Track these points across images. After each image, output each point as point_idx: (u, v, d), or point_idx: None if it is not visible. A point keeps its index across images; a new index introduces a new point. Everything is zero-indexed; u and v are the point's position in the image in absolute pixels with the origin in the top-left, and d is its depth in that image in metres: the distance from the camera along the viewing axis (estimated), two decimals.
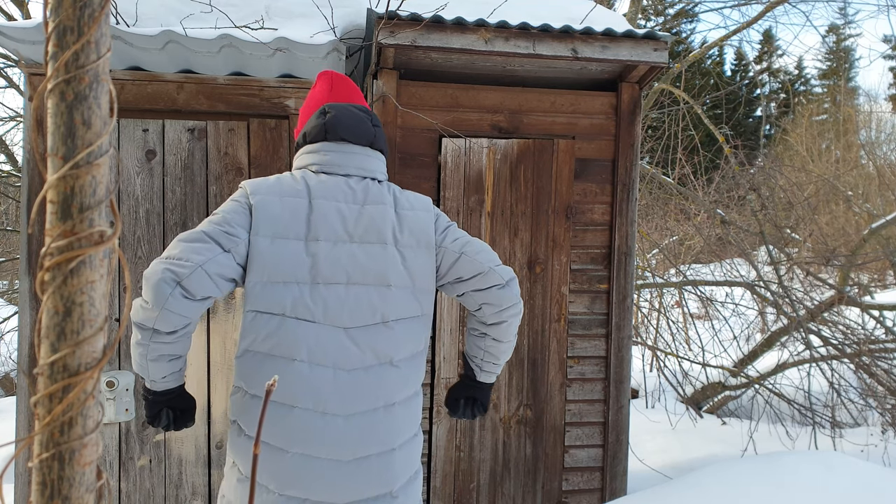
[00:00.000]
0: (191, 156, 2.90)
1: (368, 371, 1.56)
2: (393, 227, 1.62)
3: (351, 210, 1.59)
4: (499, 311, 1.70)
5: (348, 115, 1.66)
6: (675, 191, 7.22)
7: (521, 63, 3.01)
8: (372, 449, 1.55)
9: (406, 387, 1.62)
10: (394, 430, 1.57)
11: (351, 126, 1.65)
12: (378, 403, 1.56)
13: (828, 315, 5.59)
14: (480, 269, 1.66)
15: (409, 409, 1.62)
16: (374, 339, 1.56)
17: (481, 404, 1.88)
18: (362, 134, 1.66)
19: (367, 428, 1.54)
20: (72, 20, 0.55)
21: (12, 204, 7.94)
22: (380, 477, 1.55)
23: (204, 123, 2.90)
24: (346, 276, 1.55)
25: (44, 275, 0.57)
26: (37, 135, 0.70)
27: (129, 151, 2.86)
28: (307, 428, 1.50)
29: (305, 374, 1.50)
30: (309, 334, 1.51)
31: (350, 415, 1.53)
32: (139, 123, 2.86)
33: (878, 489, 2.49)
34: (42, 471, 0.57)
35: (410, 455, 1.62)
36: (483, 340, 1.78)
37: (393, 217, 1.63)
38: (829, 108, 20.58)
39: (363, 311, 1.56)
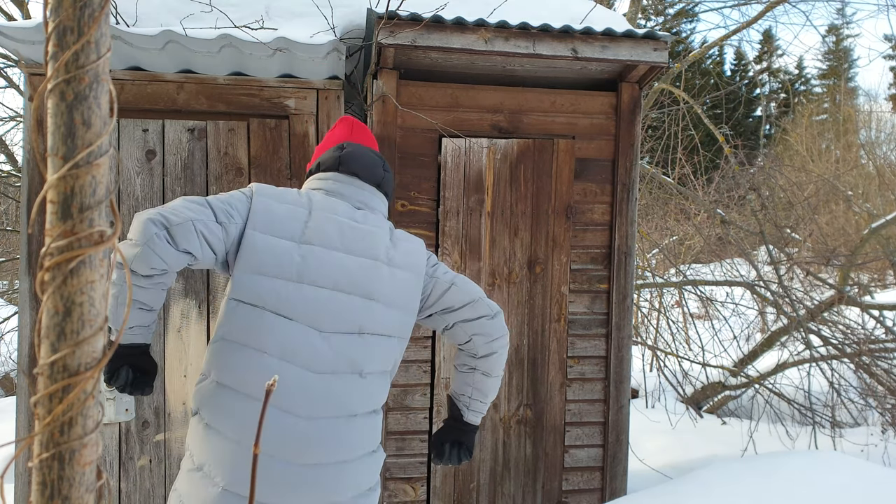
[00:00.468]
0: (191, 156, 2.90)
1: (338, 377, 1.55)
2: (386, 247, 1.67)
3: (348, 224, 1.64)
4: (490, 342, 1.73)
5: (363, 154, 1.76)
6: (675, 191, 7.22)
7: (521, 63, 3.01)
8: (329, 457, 1.53)
9: (370, 401, 1.61)
10: (353, 441, 1.56)
11: (364, 164, 1.74)
12: (342, 412, 1.55)
13: (828, 315, 5.59)
14: (471, 299, 1.72)
15: (369, 425, 1.61)
16: (349, 347, 1.57)
17: (467, 448, 1.84)
18: (372, 174, 1.75)
19: (328, 435, 1.53)
20: (72, 20, 0.55)
21: (12, 204, 7.94)
22: (330, 487, 1.53)
23: (204, 123, 2.90)
24: (332, 283, 1.58)
25: (44, 275, 0.57)
26: (37, 135, 0.70)
27: (129, 151, 2.86)
28: (268, 424, 1.49)
29: (274, 369, 1.51)
30: (284, 330, 1.52)
31: (313, 418, 1.52)
32: (139, 123, 2.86)
33: (878, 489, 2.49)
34: (42, 471, 0.57)
35: (366, 470, 1.60)
36: (472, 376, 1.79)
37: (387, 240, 1.69)
38: (828, 107, 20.59)
39: (343, 318, 1.57)
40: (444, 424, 1.88)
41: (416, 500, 3.10)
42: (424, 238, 3.08)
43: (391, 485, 3.08)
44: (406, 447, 3.09)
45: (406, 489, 3.09)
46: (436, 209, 3.09)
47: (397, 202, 3.04)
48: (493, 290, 3.12)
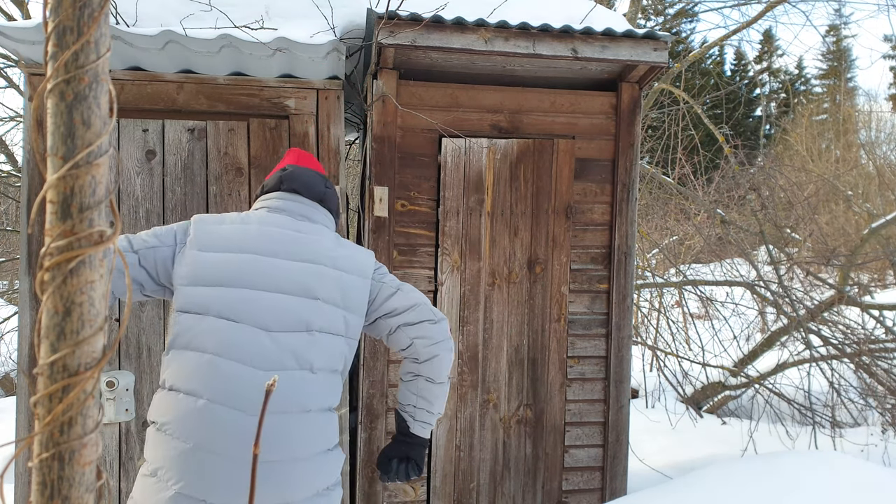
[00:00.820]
0: (191, 156, 2.90)
1: (287, 373, 1.56)
2: (329, 252, 1.73)
3: (290, 235, 1.71)
4: (431, 345, 1.74)
5: (303, 172, 1.86)
6: (675, 191, 7.22)
7: (521, 63, 3.01)
8: (279, 454, 1.51)
9: (323, 398, 1.61)
10: (306, 439, 1.55)
11: (304, 181, 1.83)
12: (293, 407, 1.54)
13: (828, 315, 5.59)
14: (414, 302, 1.75)
15: (323, 422, 1.61)
16: (296, 344, 1.59)
17: (415, 464, 1.81)
18: (313, 190, 1.83)
19: (279, 431, 1.52)
20: (71, 20, 0.55)
21: (12, 204, 7.94)
22: (282, 485, 1.51)
23: (204, 123, 2.90)
24: (274, 286, 1.62)
25: (44, 275, 0.57)
26: (37, 135, 0.70)
27: (129, 151, 2.86)
28: (213, 420, 1.48)
29: (218, 367, 1.52)
30: (228, 331, 1.55)
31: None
32: (139, 123, 2.86)
33: (878, 489, 2.49)
34: (42, 471, 0.57)
35: (321, 470, 1.58)
36: (416, 383, 1.78)
37: (330, 246, 1.75)
38: (828, 107, 20.59)
39: (289, 317, 1.60)
40: (392, 439, 1.85)
41: (416, 500, 3.10)
42: (424, 238, 3.08)
43: (391, 485, 3.08)
44: None
45: (406, 489, 3.09)
46: (436, 209, 3.09)
47: (397, 202, 3.04)
48: (493, 290, 3.13)
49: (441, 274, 3.08)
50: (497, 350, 3.14)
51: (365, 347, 3.02)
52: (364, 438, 3.02)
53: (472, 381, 3.13)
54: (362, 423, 3.02)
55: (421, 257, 3.08)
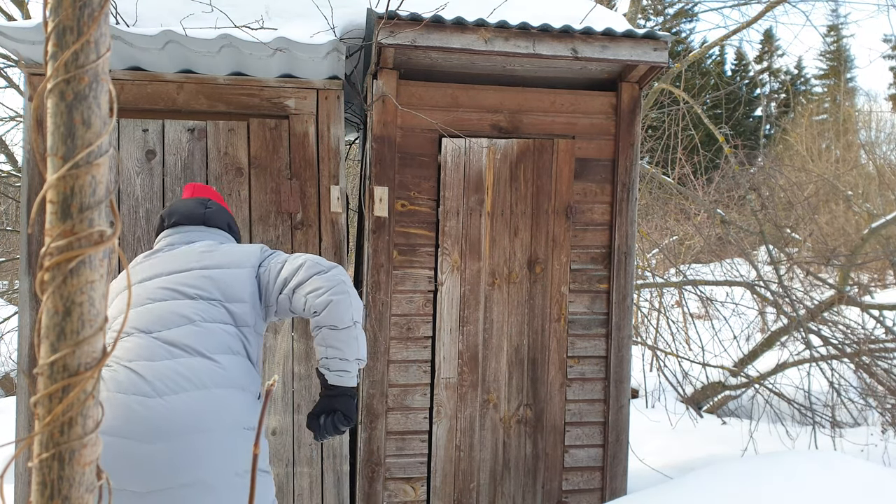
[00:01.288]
0: (191, 156, 2.89)
1: (176, 360, 1.62)
2: (202, 254, 1.85)
3: (168, 256, 1.87)
4: (323, 294, 1.75)
5: (182, 205, 2.03)
6: (675, 191, 7.22)
7: (521, 63, 3.01)
8: (185, 430, 1.54)
9: (226, 379, 1.65)
10: (210, 412, 1.58)
11: (182, 213, 1.99)
12: (190, 386, 1.59)
13: (828, 315, 5.59)
14: (300, 263, 1.81)
15: (233, 400, 1.63)
16: (182, 335, 1.66)
17: (343, 415, 1.78)
18: (192, 217, 1.99)
19: (182, 409, 1.55)
20: (71, 20, 0.55)
21: (12, 204, 7.94)
22: (190, 460, 1.52)
23: (204, 123, 2.89)
24: (148, 298, 1.75)
25: (44, 275, 0.57)
26: (37, 135, 0.70)
27: (129, 151, 2.86)
28: (114, 411, 1.52)
29: (115, 370, 1.58)
30: (122, 344, 1.65)
31: (164, 395, 1.56)
32: (139, 123, 2.85)
33: (878, 489, 2.49)
34: (42, 471, 0.57)
35: (238, 448, 1.59)
36: (321, 335, 1.78)
37: (206, 249, 1.88)
38: (828, 107, 20.59)
39: (172, 317, 1.70)
40: (318, 400, 1.87)
41: (416, 500, 3.10)
42: (424, 238, 3.08)
43: (391, 485, 3.08)
44: (406, 447, 3.09)
45: (406, 489, 3.09)
46: (436, 209, 3.09)
47: (397, 202, 3.04)
48: (493, 290, 3.13)
49: (441, 274, 3.08)
50: (497, 350, 3.14)
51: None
52: (364, 438, 3.02)
53: (472, 381, 3.13)
54: (362, 423, 3.02)
55: (421, 257, 3.08)
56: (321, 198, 2.98)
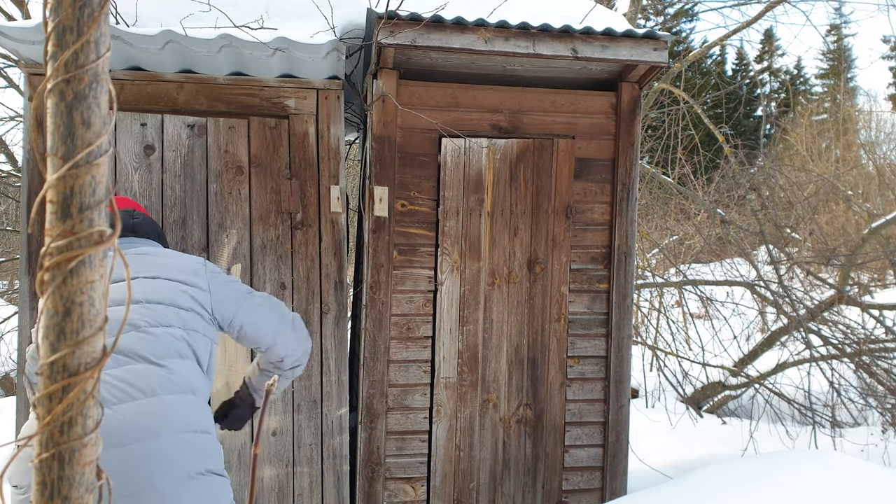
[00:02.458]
0: (191, 152, 2.88)
1: (123, 368, 1.61)
2: (142, 259, 1.86)
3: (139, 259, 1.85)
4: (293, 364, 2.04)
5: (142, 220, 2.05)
6: (675, 190, 7.22)
7: (521, 63, 3.01)
8: (134, 438, 1.53)
9: (174, 384, 1.64)
10: (159, 419, 1.57)
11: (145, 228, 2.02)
12: (138, 394, 1.58)
13: (828, 315, 5.59)
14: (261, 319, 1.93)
15: (182, 404, 1.63)
16: (129, 343, 1.65)
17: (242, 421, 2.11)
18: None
19: (131, 418, 1.54)
20: (71, 20, 0.55)
21: (12, 204, 7.94)
22: (140, 468, 1.51)
23: (204, 120, 2.88)
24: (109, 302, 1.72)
25: (44, 275, 0.57)
26: (37, 135, 0.70)
27: (126, 145, 2.83)
28: None
29: None
30: None
31: (112, 405, 1.55)
32: (137, 117, 2.83)
33: (878, 489, 2.49)
34: (42, 471, 0.57)
35: (189, 451, 1.59)
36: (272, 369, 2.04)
37: (145, 253, 1.89)
38: (829, 107, 20.58)
39: (115, 325, 1.66)
40: (238, 400, 2.12)
41: (416, 500, 3.10)
42: (424, 238, 3.08)
43: (391, 485, 3.08)
44: (406, 447, 3.09)
45: (406, 489, 3.09)
46: (436, 209, 3.09)
47: (397, 202, 3.04)
48: (492, 290, 3.13)
49: (441, 274, 3.08)
50: (497, 350, 3.14)
51: (365, 348, 3.02)
52: (364, 438, 3.02)
53: (472, 381, 3.13)
54: (362, 422, 3.03)
55: (421, 257, 3.08)
56: (321, 198, 2.98)
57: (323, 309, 2.99)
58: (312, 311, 2.98)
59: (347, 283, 3.06)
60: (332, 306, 3.00)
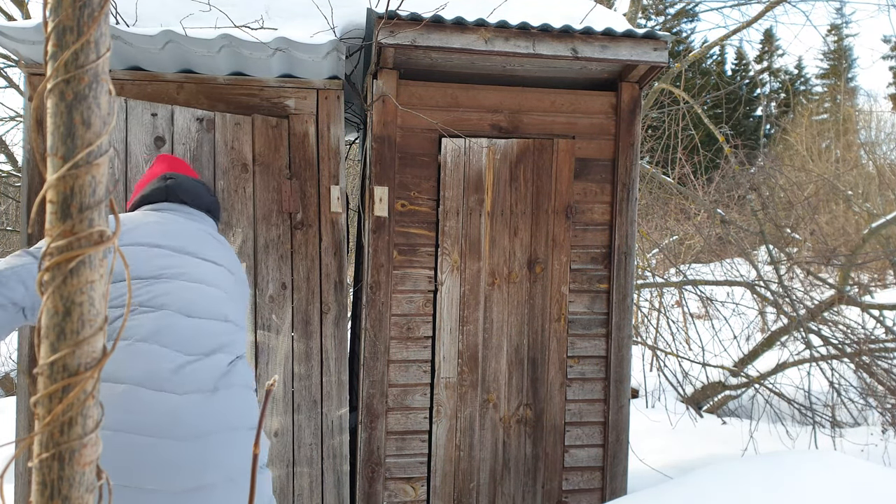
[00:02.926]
0: (199, 147, 2.83)
1: (205, 357, 1.59)
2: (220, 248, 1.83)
3: (192, 232, 1.78)
4: None
5: (189, 182, 1.93)
6: (675, 190, 7.22)
7: (521, 63, 3.01)
8: (216, 426, 1.51)
9: (242, 378, 1.64)
10: (235, 411, 1.57)
11: (191, 192, 1.91)
12: (208, 386, 1.56)
13: (828, 315, 5.59)
14: None
15: (251, 399, 1.64)
16: (214, 329, 1.63)
17: None
18: (200, 200, 1.92)
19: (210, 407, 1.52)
20: (71, 20, 0.55)
21: (12, 204, 7.94)
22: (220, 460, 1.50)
23: (212, 114, 2.83)
24: (193, 277, 1.68)
25: (43, 275, 0.57)
26: (37, 135, 0.70)
27: (136, 136, 2.75)
28: (136, 403, 1.47)
29: (138, 351, 1.52)
30: (150, 318, 1.57)
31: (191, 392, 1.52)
32: (148, 107, 2.76)
33: (878, 489, 2.49)
34: (42, 471, 0.57)
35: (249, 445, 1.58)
36: None
37: (222, 245, 1.86)
38: (829, 107, 20.59)
39: (209, 305, 1.66)
40: None
41: (416, 500, 3.10)
42: (424, 238, 3.08)
43: (391, 484, 3.08)
44: (406, 447, 3.09)
45: (406, 489, 3.09)
46: (436, 209, 3.09)
47: (397, 202, 3.04)
48: (492, 290, 3.13)
49: (441, 274, 3.08)
50: (497, 350, 3.14)
51: (365, 348, 3.02)
52: (364, 438, 3.02)
53: (472, 381, 3.13)
54: (362, 422, 3.03)
55: (421, 257, 3.08)
56: (321, 198, 2.98)
57: (323, 309, 2.99)
58: (312, 311, 2.98)
59: (347, 283, 3.06)
60: (332, 306, 3.00)
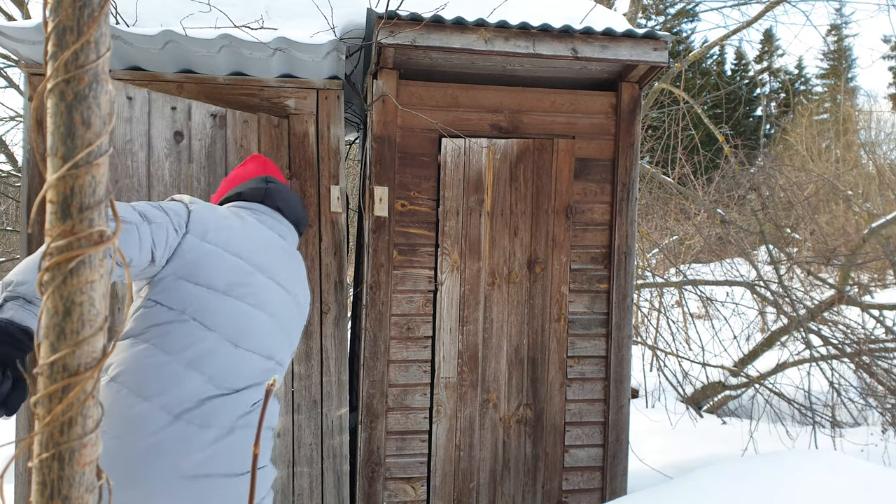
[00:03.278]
0: (213, 144, 2.77)
1: (248, 395, 1.50)
2: (302, 286, 1.76)
3: (282, 256, 1.69)
4: None
5: (287, 191, 1.86)
6: (675, 190, 7.22)
7: (521, 63, 3.01)
8: (223, 469, 1.42)
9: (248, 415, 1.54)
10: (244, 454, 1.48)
11: (287, 201, 1.83)
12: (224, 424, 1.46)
13: (828, 315, 5.59)
14: None
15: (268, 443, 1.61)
16: (263, 369, 1.54)
17: None
18: (294, 211, 1.84)
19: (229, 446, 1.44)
20: (71, 20, 0.55)
21: (12, 204, 7.94)
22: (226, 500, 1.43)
23: (224, 110, 2.80)
24: (262, 305, 1.57)
25: (44, 275, 0.57)
26: (37, 135, 0.70)
27: (159, 129, 2.67)
28: (156, 427, 1.39)
29: (178, 375, 1.43)
30: (199, 338, 1.47)
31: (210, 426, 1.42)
32: (168, 100, 2.69)
33: (878, 489, 2.49)
34: (42, 471, 0.57)
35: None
36: None
37: (304, 279, 1.79)
38: (829, 107, 20.59)
39: (262, 340, 1.55)
40: None
41: (416, 500, 3.10)
42: (424, 238, 3.08)
43: (391, 484, 3.08)
44: (406, 447, 3.09)
45: (406, 489, 3.09)
46: (436, 209, 3.09)
47: (397, 202, 3.04)
48: (492, 290, 3.13)
49: (441, 274, 3.09)
50: (497, 350, 3.14)
51: (365, 348, 3.02)
52: (364, 438, 3.03)
53: (472, 381, 3.13)
54: (362, 422, 3.03)
55: (421, 257, 3.08)
56: (321, 198, 2.98)
57: (323, 309, 2.99)
58: (312, 311, 2.98)
59: (347, 283, 3.06)
60: (332, 306, 3.00)
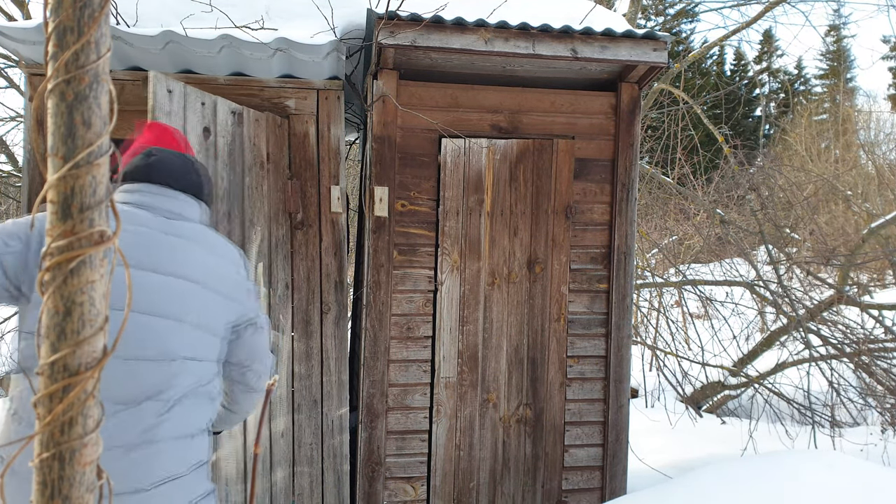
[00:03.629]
0: (234, 141, 2.71)
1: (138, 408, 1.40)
2: (202, 264, 1.52)
3: (161, 240, 1.48)
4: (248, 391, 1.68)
5: (171, 160, 1.59)
6: (674, 191, 7.22)
7: (520, 63, 3.01)
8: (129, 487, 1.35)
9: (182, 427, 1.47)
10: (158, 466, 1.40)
11: (173, 172, 1.57)
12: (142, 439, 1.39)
13: (827, 314, 5.59)
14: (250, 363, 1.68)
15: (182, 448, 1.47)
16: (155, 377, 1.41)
17: None
18: (185, 181, 1.58)
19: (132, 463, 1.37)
20: (72, 20, 0.55)
21: (12, 204, 7.94)
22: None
23: (241, 108, 2.74)
24: (144, 306, 1.42)
25: (44, 275, 0.57)
26: (37, 135, 0.70)
27: (192, 125, 2.61)
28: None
29: None
30: None
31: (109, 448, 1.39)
32: (199, 95, 2.62)
33: (877, 489, 2.50)
34: (42, 471, 0.57)
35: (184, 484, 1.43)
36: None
37: (202, 256, 1.54)
38: (828, 107, 20.59)
39: (153, 344, 1.41)
40: None
41: (416, 500, 3.10)
42: (424, 238, 3.08)
43: (391, 484, 3.08)
44: (406, 447, 3.09)
45: (406, 488, 3.09)
46: (436, 209, 3.09)
47: (397, 202, 3.04)
48: (492, 290, 3.13)
49: (441, 274, 3.09)
50: (497, 349, 3.14)
51: (365, 347, 3.02)
52: (364, 438, 3.03)
53: (472, 381, 3.13)
54: (362, 422, 3.03)
55: (421, 257, 3.08)
56: (321, 198, 2.98)
57: (323, 309, 2.99)
58: (312, 310, 2.98)
59: (347, 283, 3.06)
60: (333, 306, 3.00)
